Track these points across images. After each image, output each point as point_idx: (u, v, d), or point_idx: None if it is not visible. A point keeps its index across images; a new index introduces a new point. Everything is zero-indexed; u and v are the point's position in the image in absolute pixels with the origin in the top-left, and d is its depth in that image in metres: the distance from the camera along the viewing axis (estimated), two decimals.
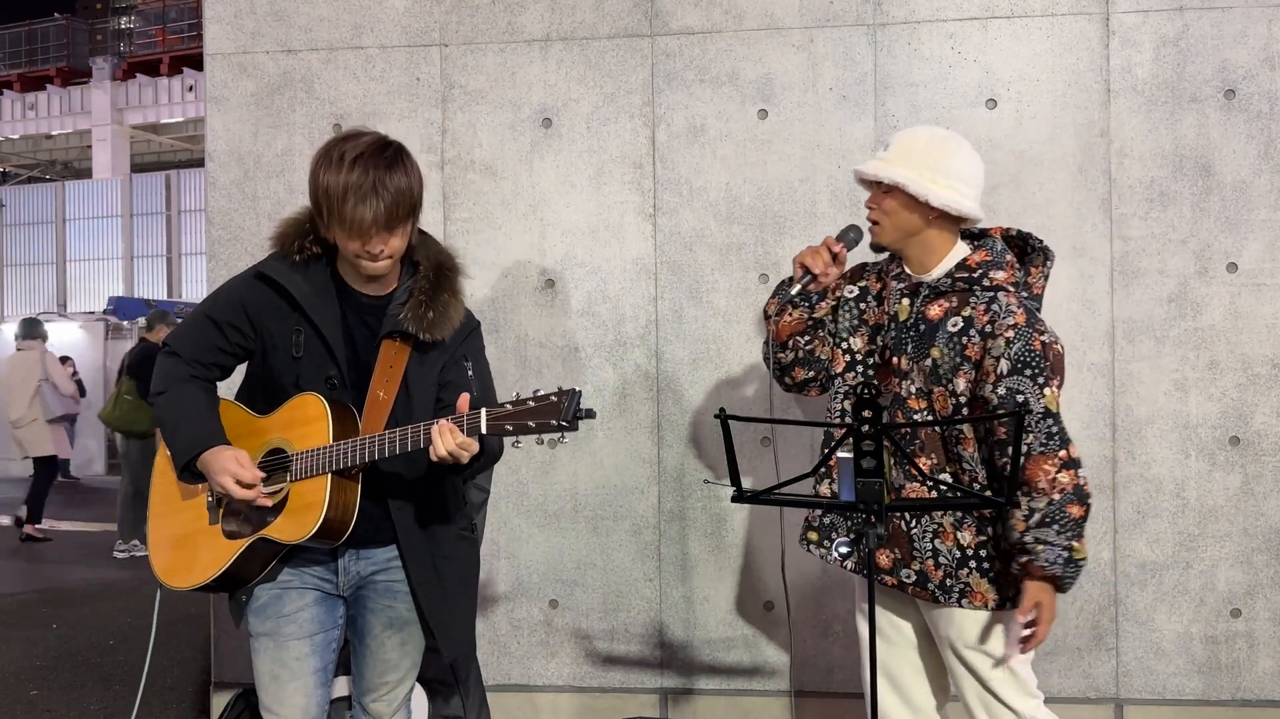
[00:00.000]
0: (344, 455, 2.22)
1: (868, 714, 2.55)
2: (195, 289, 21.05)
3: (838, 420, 2.51)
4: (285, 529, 2.25)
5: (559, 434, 2.07)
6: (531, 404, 2.07)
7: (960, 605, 2.36)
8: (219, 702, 3.68)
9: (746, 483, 2.19)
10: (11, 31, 27.32)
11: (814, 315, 2.52)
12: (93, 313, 19.01)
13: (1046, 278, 2.46)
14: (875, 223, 2.42)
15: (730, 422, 2.12)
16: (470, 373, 2.41)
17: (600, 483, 3.57)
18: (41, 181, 27.57)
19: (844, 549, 2.45)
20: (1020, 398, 2.25)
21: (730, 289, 3.51)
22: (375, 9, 3.63)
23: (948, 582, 2.36)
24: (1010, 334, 2.27)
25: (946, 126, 3.39)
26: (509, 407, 2.09)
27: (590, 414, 2.06)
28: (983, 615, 2.37)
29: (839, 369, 2.54)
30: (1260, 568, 3.36)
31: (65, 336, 16.43)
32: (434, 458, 2.15)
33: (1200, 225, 3.37)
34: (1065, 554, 2.25)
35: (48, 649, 5.28)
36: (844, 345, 2.53)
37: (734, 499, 2.16)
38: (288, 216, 2.36)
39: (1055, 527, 2.24)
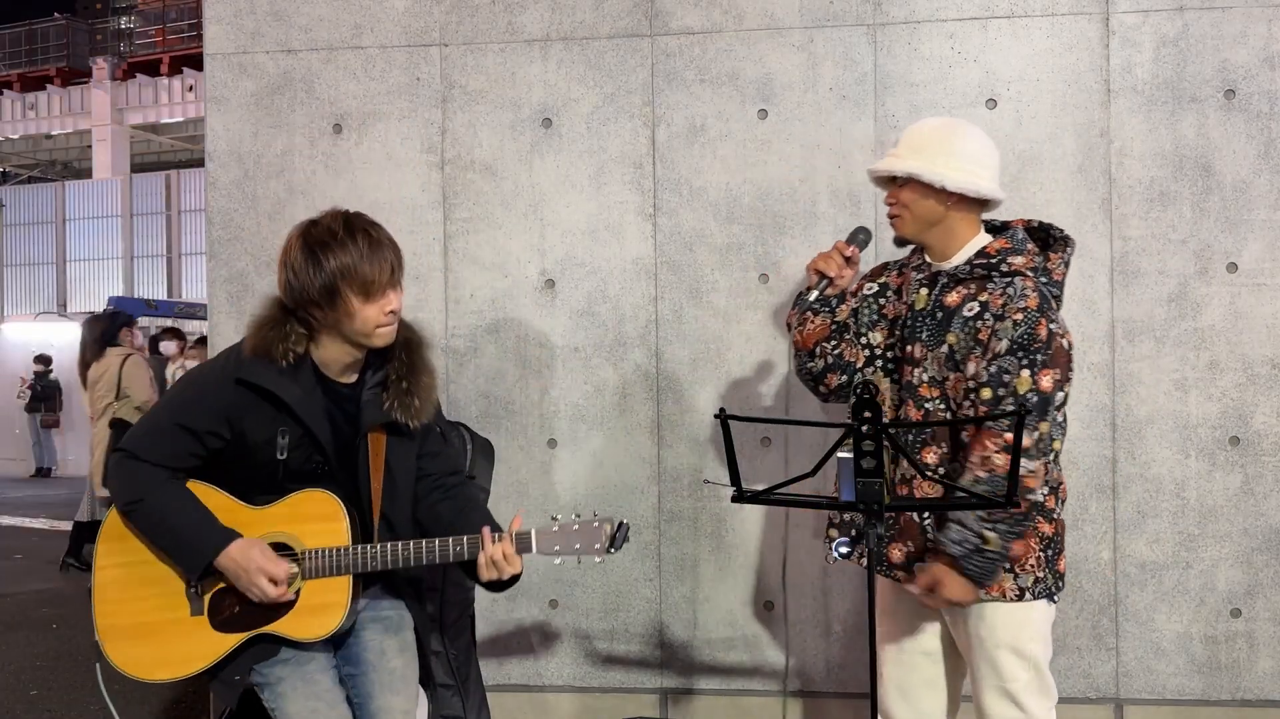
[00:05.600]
0: (371, 560, 2.23)
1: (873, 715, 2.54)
2: (195, 289, 21.01)
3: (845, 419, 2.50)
4: (298, 627, 2.23)
5: (597, 558, 2.27)
6: (577, 527, 2.26)
7: (1003, 596, 2.32)
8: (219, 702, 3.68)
9: (746, 483, 2.19)
10: (11, 31, 27.28)
11: (836, 319, 2.51)
12: (93, 313, 19.00)
13: (1067, 264, 2.45)
14: (896, 217, 2.41)
15: (730, 421, 2.12)
16: (441, 434, 2.50)
17: (600, 483, 3.57)
18: (41, 181, 27.54)
19: (844, 549, 2.44)
20: (1006, 378, 2.25)
21: (730, 289, 3.51)
22: (375, 9, 3.63)
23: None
24: (1019, 316, 2.27)
25: None
26: (556, 527, 2.27)
27: (627, 539, 2.28)
28: (1006, 608, 2.34)
29: (859, 364, 2.53)
30: (1260, 568, 3.36)
31: (65, 337, 16.42)
32: (485, 578, 2.26)
33: (1200, 225, 3.36)
34: (976, 542, 2.21)
35: (48, 649, 5.28)
36: (863, 340, 2.53)
37: (734, 499, 2.17)
38: (258, 319, 2.28)
39: (981, 512, 2.20)
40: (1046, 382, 2.25)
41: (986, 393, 2.27)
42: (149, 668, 2.29)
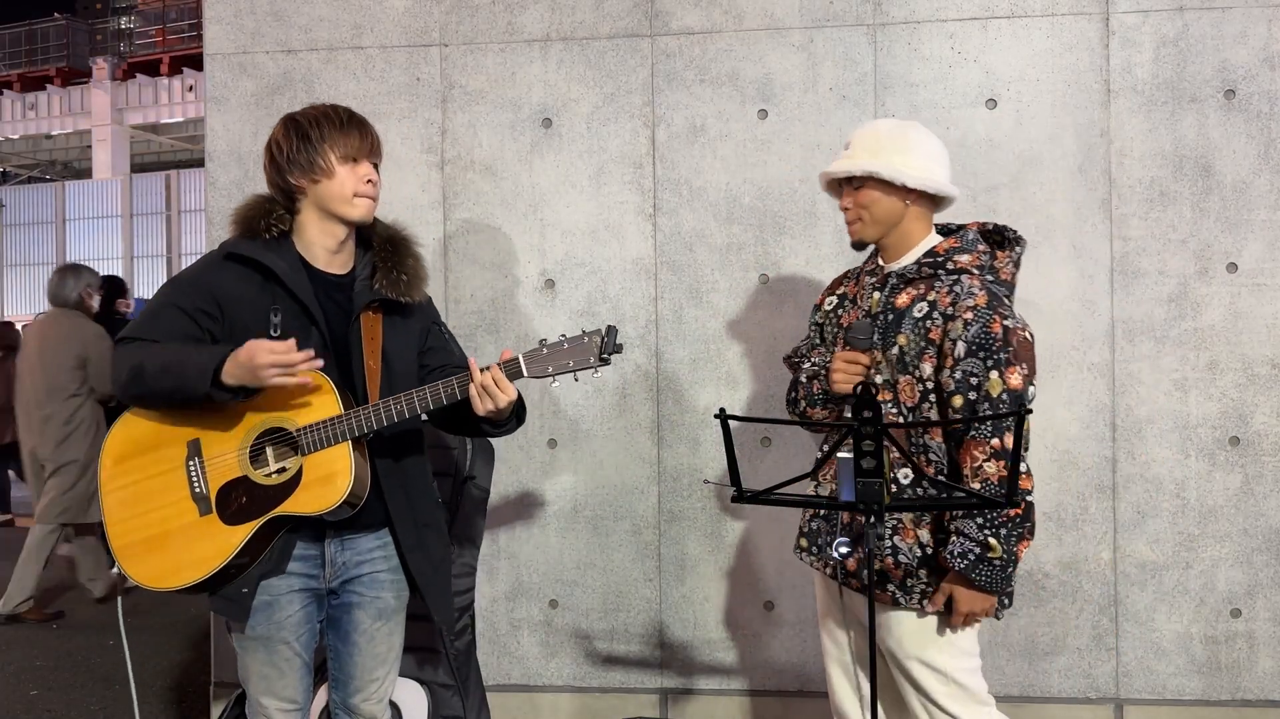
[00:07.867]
0: (365, 421, 2.23)
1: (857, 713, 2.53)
2: None
3: (835, 421, 2.50)
4: (306, 502, 2.23)
5: (594, 370, 2.20)
6: (566, 345, 2.19)
7: (921, 608, 2.29)
8: (219, 702, 3.68)
9: (746, 483, 2.19)
10: (11, 31, 27.30)
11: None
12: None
13: (1016, 264, 2.41)
14: (855, 220, 2.40)
15: (730, 422, 2.12)
16: (446, 336, 2.54)
17: (600, 483, 3.57)
18: (41, 181, 27.57)
19: (844, 549, 2.42)
20: (974, 380, 2.21)
21: (730, 289, 3.51)
22: (375, 9, 3.63)
23: (909, 581, 2.29)
24: (969, 315, 2.23)
25: (946, 127, 3.42)
26: (544, 350, 2.21)
27: (619, 349, 2.20)
28: (914, 621, 2.30)
29: None
30: (1260, 568, 3.36)
31: None
32: (481, 410, 2.23)
33: (1200, 225, 3.37)
34: (977, 551, 2.17)
35: (48, 649, 5.28)
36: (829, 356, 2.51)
37: (734, 499, 2.16)
38: (244, 202, 2.38)
39: (979, 519, 2.18)
40: (1016, 379, 2.21)
41: (958, 400, 2.23)
42: (169, 576, 2.28)
